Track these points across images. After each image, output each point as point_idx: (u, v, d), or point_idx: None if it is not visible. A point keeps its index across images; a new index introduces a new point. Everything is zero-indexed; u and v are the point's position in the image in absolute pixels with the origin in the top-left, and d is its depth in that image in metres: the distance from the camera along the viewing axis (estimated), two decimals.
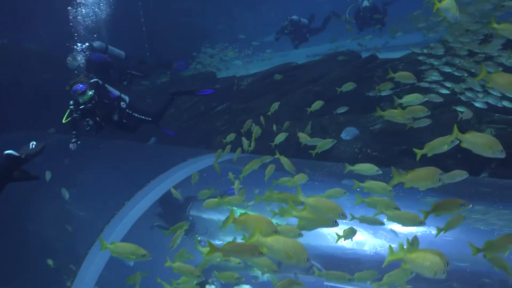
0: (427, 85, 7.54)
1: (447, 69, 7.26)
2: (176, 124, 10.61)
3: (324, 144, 6.02)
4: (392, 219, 3.88)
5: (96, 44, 7.92)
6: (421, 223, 3.75)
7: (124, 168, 7.61)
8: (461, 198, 3.84)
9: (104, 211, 6.21)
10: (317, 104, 7.44)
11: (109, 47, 8.17)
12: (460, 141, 3.62)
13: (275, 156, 5.03)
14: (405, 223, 3.96)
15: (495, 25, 3.55)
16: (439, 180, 3.33)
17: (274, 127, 8.36)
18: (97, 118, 6.62)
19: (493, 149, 3.30)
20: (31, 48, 12.46)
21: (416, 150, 4.19)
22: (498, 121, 7.28)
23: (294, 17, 13.74)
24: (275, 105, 8.34)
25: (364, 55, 9.74)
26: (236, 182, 5.16)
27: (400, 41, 11.67)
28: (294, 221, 4.02)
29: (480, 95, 6.74)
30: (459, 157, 6.98)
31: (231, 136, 8.20)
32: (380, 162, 7.84)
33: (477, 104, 6.66)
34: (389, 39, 11.85)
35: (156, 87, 12.20)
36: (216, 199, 4.60)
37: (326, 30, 14.30)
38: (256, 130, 6.70)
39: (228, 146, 6.65)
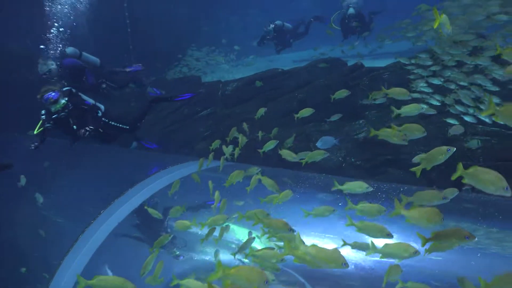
0: (417, 95, 7.48)
1: (436, 81, 7.21)
2: (158, 128, 10.45)
3: (314, 155, 5.88)
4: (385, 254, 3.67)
5: (69, 50, 7.57)
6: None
7: (105, 173, 7.40)
8: (444, 214, 3.75)
9: (82, 218, 6.00)
10: (307, 112, 7.33)
11: (83, 53, 7.81)
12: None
13: (258, 177, 4.82)
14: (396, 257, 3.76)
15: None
16: (442, 220, 3.18)
17: (260, 134, 8.23)
18: (72, 128, 6.31)
19: (497, 186, 3.01)
20: (14, 49, 12.15)
21: (415, 168, 4.03)
22: (482, 132, 7.27)
23: (278, 22, 13.62)
24: (261, 111, 8.22)
25: (350, 62, 9.71)
26: (217, 193, 5.00)
27: (387, 49, 11.72)
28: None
29: (471, 110, 6.70)
30: (443, 169, 6.94)
31: (216, 143, 8.06)
32: (365, 172, 7.80)
33: (466, 118, 6.62)
34: (376, 47, 11.86)
35: (141, 90, 11.98)
36: (188, 222, 4.41)
37: (313, 36, 14.26)
38: (242, 139, 6.54)
39: (212, 154, 6.51)
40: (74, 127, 6.23)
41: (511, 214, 4.69)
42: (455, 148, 3.48)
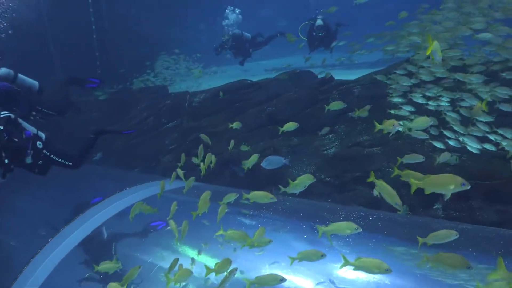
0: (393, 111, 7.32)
1: (419, 100, 7.03)
2: (122, 141, 10.01)
3: (304, 179, 5.54)
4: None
5: (2, 71, 6.68)
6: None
7: (61, 192, 6.94)
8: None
9: (36, 241, 5.55)
10: (291, 126, 7.04)
11: (19, 75, 6.88)
12: None
13: (218, 234, 4.35)
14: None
15: None
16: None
17: (232, 144, 7.91)
18: (5, 161, 5.26)
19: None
20: None
21: (412, 181, 3.76)
22: (453, 149, 7.14)
23: (236, 31, 13.39)
24: (237, 124, 7.90)
25: (320, 73, 9.51)
26: (171, 223, 4.60)
27: (358, 59, 11.59)
28: None
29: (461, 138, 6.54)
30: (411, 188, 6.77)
31: (184, 159, 7.70)
32: (334, 189, 7.58)
33: (451, 143, 6.47)
34: (346, 58, 11.72)
35: (103, 101, 11.53)
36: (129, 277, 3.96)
37: (287, 45, 14.02)
38: (208, 157, 6.20)
39: (174, 174, 6.14)
40: (6, 161, 5.31)
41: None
42: (469, 186, 3.24)
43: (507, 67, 6.49)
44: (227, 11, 15.56)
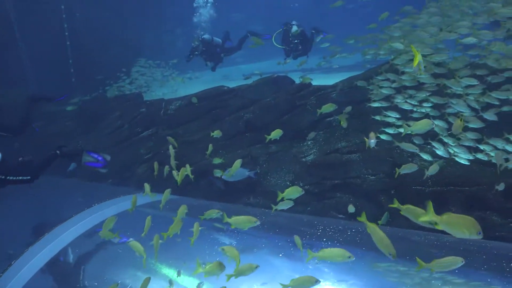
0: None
1: (404, 106, 6.92)
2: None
3: (293, 191, 5.39)
4: None
5: None
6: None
7: (29, 208, 6.63)
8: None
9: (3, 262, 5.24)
10: (278, 133, 6.91)
11: None
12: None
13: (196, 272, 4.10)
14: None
15: None
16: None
17: (210, 149, 7.70)
18: None
19: (470, 231, 2.88)
20: None
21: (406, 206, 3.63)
22: (430, 153, 7.08)
23: (206, 36, 13.04)
24: (218, 133, 7.71)
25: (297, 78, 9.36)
26: (134, 245, 4.31)
27: (336, 63, 11.50)
28: None
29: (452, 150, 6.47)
30: (393, 194, 6.68)
31: (157, 168, 7.47)
32: (313, 197, 7.44)
33: (439, 152, 6.37)
34: (325, 62, 11.58)
35: (76, 110, 11.21)
36: None
37: (269, 49, 13.84)
38: (183, 171, 5.97)
39: (147, 187, 5.90)
40: None
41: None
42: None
43: (491, 71, 6.42)
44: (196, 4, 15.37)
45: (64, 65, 13.62)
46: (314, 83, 9.06)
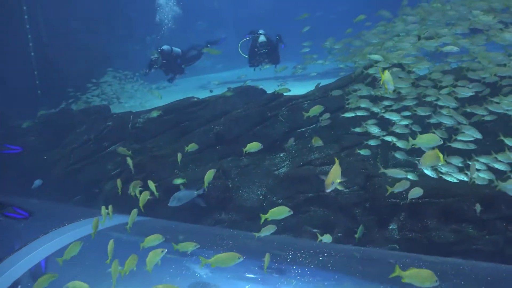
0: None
1: (392, 116, 6.72)
2: (61, 167, 9.28)
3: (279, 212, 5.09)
4: None
5: None
6: None
7: None
8: None
9: None
10: (254, 146, 6.60)
11: None
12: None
13: None
14: None
15: None
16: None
17: (179, 157, 7.39)
18: None
19: (430, 281, 3.45)
20: None
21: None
22: (404, 164, 6.94)
23: (165, 47, 12.31)
24: (193, 146, 7.41)
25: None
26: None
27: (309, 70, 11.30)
28: None
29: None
30: (367, 207, 6.51)
31: (120, 185, 7.12)
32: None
33: (427, 172, 6.18)
34: (299, 68, 11.36)
35: (40, 123, 10.75)
36: None
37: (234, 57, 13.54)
38: (144, 195, 5.62)
39: (110, 209, 5.55)
40: None
41: None
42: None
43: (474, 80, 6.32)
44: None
45: (29, 77, 13.08)
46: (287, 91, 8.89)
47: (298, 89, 9.08)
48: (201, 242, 4.75)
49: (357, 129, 6.97)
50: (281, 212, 5.19)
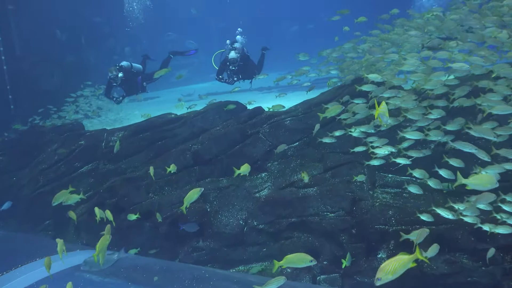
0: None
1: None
2: (29, 190, 8.72)
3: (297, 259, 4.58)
4: None
5: None
6: None
7: None
8: None
9: None
10: (245, 168, 6.30)
11: None
12: None
13: None
14: None
15: None
16: None
17: (151, 171, 6.90)
18: None
19: None
20: None
21: None
22: (392, 184, 6.51)
23: (124, 63, 11.26)
24: (173, 168, 6.94)
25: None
26: None
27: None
28: None
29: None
30: (354, 233, 6.05)
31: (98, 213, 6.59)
32: (269, 237, 6.76)
33: (399, 160, 5.83)
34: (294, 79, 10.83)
35: (9, 141, 10.18)
36: None
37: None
38: (103, 241, 5.08)
39: (61, 244, 5.02)
40: None
41: None
42: None
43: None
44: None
45: (1, 91, 12.48)
46: (270, 104, 8.44)
47: (281, 103, 8.68)
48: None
49: (358, 149, 6.41)
50: (300, 259, 4.57)
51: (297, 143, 7.44)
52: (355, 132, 6.32)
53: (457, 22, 6.70)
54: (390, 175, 6.69)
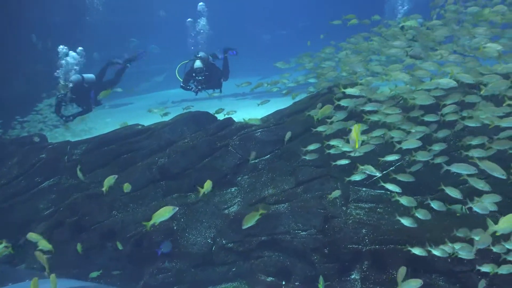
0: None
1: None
2: None
3: None
4: None
5: None
6: None
7: None
8: None
9: None
10: (207, 186, 5.92)
11: None
12: None
13: None
14: None
15: None
16: None
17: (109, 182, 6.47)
18: None
19: None
20: None
21: None
22: (366, 198, 6.25)
23: (74, 77, 10.04)
24: (110, 180, 6.52)
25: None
26: None
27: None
28: None
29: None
30: (326, 253, 5.75)
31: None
32: (238, 257, 6.43)
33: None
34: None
35: None
36: None
37: None
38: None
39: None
40: None
41: None
42: None
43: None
44: None
45: None
46: (242, 114, 8.13)
47: (254, 112, 8.38)
48: None
49: (340, 162, 6.08)
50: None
51: (269, 155, 7.14)
52: (334, 149, 6.00)
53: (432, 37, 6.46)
54: (364, 189, 6.44)
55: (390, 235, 5.31)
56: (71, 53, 10.24)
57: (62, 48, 10.18)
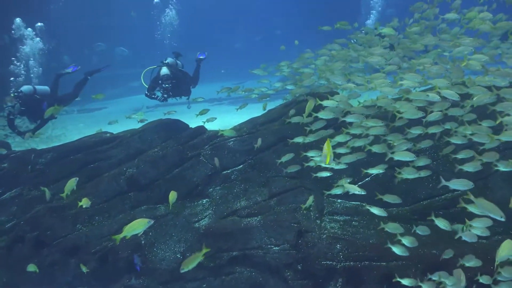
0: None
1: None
2: None
3: None
4: None
5: None
6: None
7: None
8: None
9: None
10: (172, 197, 5.83)
11: None
12: None
13: None
14: None
15: None
16: None
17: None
18: None
19: None
20: None
21: None
22: (341, 211, 6.06)
23: (25, 88, 9.13)
24: (71, 183, 6.39)
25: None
26: None
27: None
28: None
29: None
30: (299, 269, 5.51)
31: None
32: (209, 272, 6.12)
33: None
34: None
35: None
36: None
37: None
38: None
39: None
40: None
41: None
42: None
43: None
44: None
45: None
46: (218, 121, 7.87)
47: (231, 119, 8.11)
48: None
49: (321, 174, 5.87)
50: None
51: (241, 165, 6.90)
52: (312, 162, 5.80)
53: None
54: (339, 200, 6.26)
55: (365, 251, 5.12)
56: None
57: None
